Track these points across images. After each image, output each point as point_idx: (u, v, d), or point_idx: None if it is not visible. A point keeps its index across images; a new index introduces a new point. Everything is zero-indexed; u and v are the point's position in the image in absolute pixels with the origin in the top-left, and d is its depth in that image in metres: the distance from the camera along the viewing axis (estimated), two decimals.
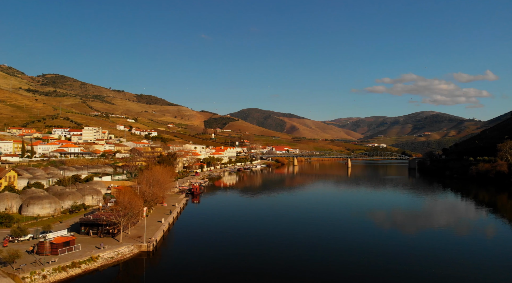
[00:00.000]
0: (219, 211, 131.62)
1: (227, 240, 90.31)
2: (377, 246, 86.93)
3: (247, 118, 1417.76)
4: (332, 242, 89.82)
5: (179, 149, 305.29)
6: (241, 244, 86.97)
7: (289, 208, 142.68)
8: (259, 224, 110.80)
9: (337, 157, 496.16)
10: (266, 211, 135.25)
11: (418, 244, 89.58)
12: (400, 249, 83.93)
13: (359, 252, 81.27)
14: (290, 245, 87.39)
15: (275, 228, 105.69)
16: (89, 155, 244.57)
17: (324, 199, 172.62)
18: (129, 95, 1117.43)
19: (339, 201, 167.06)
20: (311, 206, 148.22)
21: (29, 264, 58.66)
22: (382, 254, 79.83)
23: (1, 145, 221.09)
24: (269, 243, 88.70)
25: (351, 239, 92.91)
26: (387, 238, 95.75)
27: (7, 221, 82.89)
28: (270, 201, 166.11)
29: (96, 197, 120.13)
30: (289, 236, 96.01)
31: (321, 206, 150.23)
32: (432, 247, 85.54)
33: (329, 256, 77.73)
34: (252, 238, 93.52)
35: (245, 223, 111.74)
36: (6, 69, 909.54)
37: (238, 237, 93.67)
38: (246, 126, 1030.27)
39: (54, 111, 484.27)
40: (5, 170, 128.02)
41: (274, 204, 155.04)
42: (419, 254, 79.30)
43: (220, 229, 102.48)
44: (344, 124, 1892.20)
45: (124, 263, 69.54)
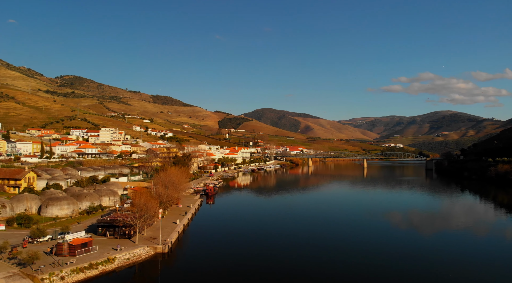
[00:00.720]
0: (233, 212, 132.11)
1: (242, 241, 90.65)
2: (393, 247, 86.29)
3: (261, 118, 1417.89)
4: (348, 243, 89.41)
5: (194, 149, 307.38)
6: (256, 245, 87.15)
7: (304, 209, 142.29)
8: (273, 225, 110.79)
9: (353, 157, 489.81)
10: (280, 212, 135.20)
11: (435, 245, 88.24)
12: (417, 251, 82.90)
13: (375, 253, 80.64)
14: (305, 246, 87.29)
15: (290, 229, 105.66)
16: (106, 156, 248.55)
17: (339, 200, 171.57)
18: (145, 96, 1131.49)
19: (355, 202, 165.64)
20: (326, 207, 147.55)
21: (48, 265, 59.95)
22: (398, 255, 79.04)
23: (21, 146, 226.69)
24: (284, 244, 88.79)
25: (367, 240, 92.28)
26: (403, 239, 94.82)
27: (27, 222, 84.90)
28: (284, 202, 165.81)
29: (112, 198, 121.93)
30: (304, 237, 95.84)
31: (336, 207, 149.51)
32: (449, 249, 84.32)
33: (345, 257, 77.42)
34: (267, 239, 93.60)
35: (259, 224, 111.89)
36: (25, 71, 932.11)
37: (253, 238, 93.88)
38: (260, 126, 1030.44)
39: (72, 112, 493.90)
40: (25, 171, 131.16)
41: (289, 205, 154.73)
42: (436, 256, 78.14)
43: (235, 230, 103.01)
44: (359, 123, 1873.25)
45: (140, 265, 70.41)
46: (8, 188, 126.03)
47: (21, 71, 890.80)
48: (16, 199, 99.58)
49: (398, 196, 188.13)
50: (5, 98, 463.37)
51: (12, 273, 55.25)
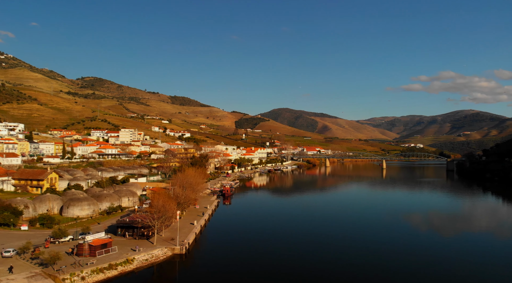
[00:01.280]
0: (250, 213, 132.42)
1: (259, 242, 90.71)
2: (413, 249, 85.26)
3: (277, 118, 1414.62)
4: (367, 245, 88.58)
5: (211, 150, 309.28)
6: (273, 246, 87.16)
7: (321, 210, 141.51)
8: (290, 226, 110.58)
9: (371, 158, 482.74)
10: (297, 213, 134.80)
11: (456, 247, 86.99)
12: (437, 252, 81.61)
13: (395, 254, 79.95)
14: (322, 247, 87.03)
15: (308, 230, 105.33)
16: (126, 156, 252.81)
17: (357, 201, 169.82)
18: (164, 96, 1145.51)
19: (374, 203, 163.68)
20: (344, 208, 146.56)
21: (69, 265, 61.32)
22: (418, 257, 78.02)
23: (43, 146, 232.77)
24: (301, 245, 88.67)
25: (386, 241, 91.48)
26: (423, 241, 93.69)
27: (49, 222, 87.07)
28: (301, 202, 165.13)
29: (132, 198, 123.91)
30: (322, 238, 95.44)
31: (354, 208, 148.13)
32: (471, 251, 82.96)
33: (363, 259, 76.87)
34: (284, 239, 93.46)
35: (276, 225, 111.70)
36: (48, 73, 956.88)
37: (270, 239, 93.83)
38: (277, 126, 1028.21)
39: (92, 113, 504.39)
40: (47, 172, 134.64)
41: (306, 205, 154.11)
42: (457, 258, 76.99)
43: (251, 231, 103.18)
44: (378, 123, 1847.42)
45: (158, 265, 71.26)
46: (31, 188, 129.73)
47: (43, 73, 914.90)
48: (38, 199, 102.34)
49: (418, 197, 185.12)
50: (28, 100, 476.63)
51: (34, 273, 56.77)
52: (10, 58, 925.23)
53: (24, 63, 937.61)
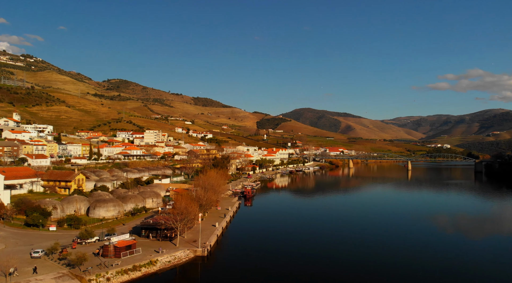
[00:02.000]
0: (271, 215, 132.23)
1: (280, 244, 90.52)
2: (439, 251, 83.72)
3: (299, 118, 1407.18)
4: (391, 247, 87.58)
5: (232, 151, 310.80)
6: (295, 248, 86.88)
7: (344, 212, 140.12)
8: (312, 228, 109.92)
9: (396, 159, 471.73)
10: (320, 214, 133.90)
11: (484, 250, 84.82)
12: (465, 255, 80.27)
13: (420, 256, 78.79)
14: (346, 248, 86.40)
15: (330, 231, 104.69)
16: (150, 157, 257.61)
17: (381, 203, 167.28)
18: (187, 98, 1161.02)
19: (398, 205, 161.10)
20: (368, 210, 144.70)
21: (95, 266, 63.01)
22: (445, 259, 76.78)
23: (71, 148, 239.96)
24: (325, 247, 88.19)
25: (412, 243, 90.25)
26: (450, 243, 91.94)
27: (76, 223, 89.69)
28: (324, 204, 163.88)
29: (155, 200, 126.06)
30: (345, 239, 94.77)
31: (378, 209, 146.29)
32: (501, 254, 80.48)
33: (389, 261, 76.15)
34: (306, 241, 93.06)
35: (298, 227, 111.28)
36: (75, 75, 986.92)
37: (291, 241, 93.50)
38: (299, 127, 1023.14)
39: (118, 115, 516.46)
40: (74, 174, 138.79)
41: (328, 207, 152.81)
42: (487, 261, 74.91)
43: (273, 232, 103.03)
44: (404, 123, 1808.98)
45: (180, 267, 72.21)
46: (59, 189, 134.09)
47: (71, 76, 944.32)
48: (66, 200, 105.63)
49: (445, 199, 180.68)
50: (57, 102, 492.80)
51: (62, 274, 58.64)
52: (39, 62, 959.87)
53: (52, 66, 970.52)
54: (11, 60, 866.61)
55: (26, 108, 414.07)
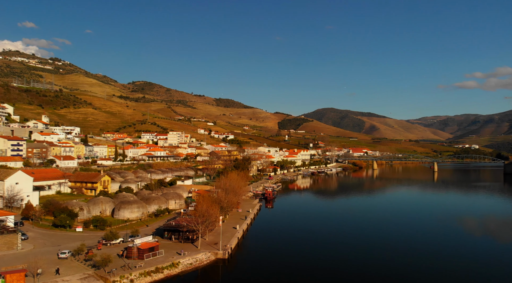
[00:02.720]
0: (292, 217, 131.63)
1: (301, 247, 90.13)
2: (466, 254, 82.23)
3: (322, 119, 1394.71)
4: (416, 249, 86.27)
5: (253, 152, 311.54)
6: (317, 251, 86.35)
7: (368, 214, 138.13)
8: (335, 230, 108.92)
9: (422, 160, 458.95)
10: (343, 216, 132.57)
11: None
12: (494, 258, 78.29)
13: (448, 259, 77.43)
14: (370, 251, 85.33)
15: (354, 234, 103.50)
16: (173, 158, 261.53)
17: (407, 204, 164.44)
18: (209, 99, 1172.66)
19: (424, 206, 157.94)
20: (393, 212, 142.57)
21: (119, 268, 64.49)
22: (474, 262, 75.49)
23: (97, 149, 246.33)
24: (347, 249, 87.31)
25: (438, 246, 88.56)
26: (478, 246, 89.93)
27: (101, 224, 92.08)
28: (347, 206, 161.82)
29: (178, 201, 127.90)
30: (369, 242, 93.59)
31: (403, 211, 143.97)
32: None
33: (413, 263, 75.01)
34: (328, 244, 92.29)
35: (320, 229, 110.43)
36: (101, 78, 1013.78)
37: (313, 244, 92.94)
38: (321, 127, 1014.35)
39: (142, 117, 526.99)
40: (100, 175, 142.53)
41: (352, 209, 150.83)
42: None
43: (294, 235, 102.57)
44: (430, 123, 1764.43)
45: (202, 269, 72.94)
46: (86, 190, 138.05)
47: (97, 78, 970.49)
48: (92, 202, 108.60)
49: (472, 201, 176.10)
50: (84, 104, 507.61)
51: (87, 275, 60.35)
52: (67, 65, 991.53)
53: (79, 69, 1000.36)
54: (40, 63, 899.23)
55: (55, 110, 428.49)
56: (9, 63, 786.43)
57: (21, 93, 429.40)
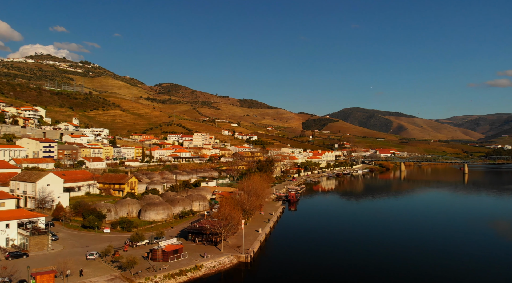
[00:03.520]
0: (316, 220, 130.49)
1: (325, 251, 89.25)
2: (500, 258, 79.99)
3: (347, 119, 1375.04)
4: (446, 252, 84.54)
5: (277, 153, 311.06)
6: (341, 255, 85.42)
7: (395, 216, 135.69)
8: (361, 234, 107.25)
9: (452, 161, 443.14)
10: (369, 219, 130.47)
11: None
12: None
13: (480, 263, 75.92)
14: (397, 255, 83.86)
15: (380, 237, 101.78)
16: (198, 160, 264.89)
17: (436, 207, 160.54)
18: (233, 100, 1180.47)
19: (454, 209, 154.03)
20: (421, 214, 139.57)
21: (144, 270, 65.93)
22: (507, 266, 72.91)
23: (125, 151, 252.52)
24: (373, 253, 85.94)
25: (469, 250, 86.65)
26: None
27: (128, 226, 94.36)
28: (373, 208, 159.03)
29: (202, 203, 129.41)
30: (396, 245, 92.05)
31: (432, 214, 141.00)
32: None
33: (442, 267, 73.06)
34: (353, 248, 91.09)
35: (345, 232, 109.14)
36: (129, 80, 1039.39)
37: (338, 248, 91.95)
38: (347, 127, 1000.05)
39: (169, 118, 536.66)
40: (127, 177, 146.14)
41: (378, 211, 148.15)
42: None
43: (318, 239, 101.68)
44: (460, 122, 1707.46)
45: (224, 273, 73.46)
46: (114, 191, 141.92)
47: (125, 81, 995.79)
48: (119, 203, 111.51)
49: (505, 204, 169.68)
50: (112, 106, 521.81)
51: (114, 277, 62.02)
52: (96, 68, 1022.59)
53: (108, 71, 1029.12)
54: (70, 66, 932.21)
55: (85, 112, 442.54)
56: (41, 67, 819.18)
57: (52, 96, 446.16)
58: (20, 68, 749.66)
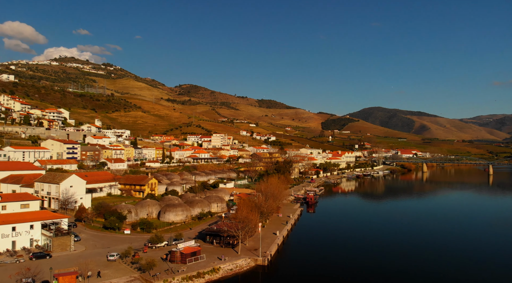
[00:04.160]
0: (335, 222, 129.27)
1: (344, 255, 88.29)
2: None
3: (368, 118, 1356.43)
4: (470, 255, 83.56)
5: (295, 154, 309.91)
6: (361, 259, 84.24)
7: (417, 219, 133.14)
8: (381, 237, 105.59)
9: (476, 162, 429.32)
10: (389, 222, 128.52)
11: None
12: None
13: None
14: (418, 258, 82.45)
15: (401, 241, 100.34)
16: (217, 160, 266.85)
17: (458, 209, 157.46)
18: (252, 100, 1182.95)
19: (478, 212, 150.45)
20: (444, 217, 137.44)
21: (163, 271, 66.94)
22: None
23: (146, 152, 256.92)
24: (395, 257, 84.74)
25: (495, 254, 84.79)
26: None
27: (147, 227, 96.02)
28: (394, 210, 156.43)
29: (220, 204, 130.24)
30: (417, 248, 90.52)
31: (455, 216, 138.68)
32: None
33: (471, 271, 72.23)
34: (373, 252, 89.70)
35: (365, 236, 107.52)
36: (150, 82, 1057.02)
37: (357, 251, 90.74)
38: (367, 127, 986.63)
39: (188, 119, 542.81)
40: (148, 178, 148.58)
41: (399, 214, 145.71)
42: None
43: (336, 242, 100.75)
44: (486, 122, 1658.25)
45: (242, 275, 73.74)
46: (134, 192, 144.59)
47: (146, 82, 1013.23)
48: (140, 204, 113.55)
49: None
50: (133, 108, 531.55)
51: (133, 278, 63.24)
52: (118, 70, 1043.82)
53: (130, 73, 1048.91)
54: (93, 69, 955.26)
55: (107, 114, 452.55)
56: (65, 69, 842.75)
57: (76, 98, 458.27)
58: (45, 70, 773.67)
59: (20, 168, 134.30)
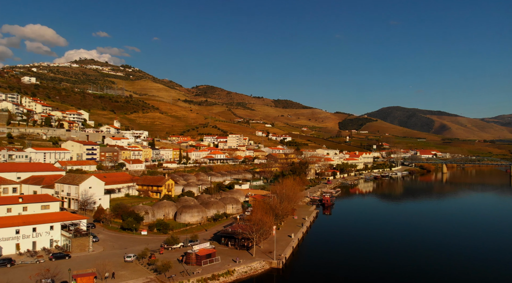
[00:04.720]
0: (352, 225, 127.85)
1: (361, 258, 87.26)
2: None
3: (387, 118, 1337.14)
4: (489, 264, 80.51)
5: (311, 154, 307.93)
6: (378, 262, 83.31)
7: (436, 220, 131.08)
8: (399, 240, 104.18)
9: (498, 163, 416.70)
10: (407, 224, 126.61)
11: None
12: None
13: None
14: (438, 261, 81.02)
15: (419, 243, 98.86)
16: (232, 161, 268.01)
17: (478, 211, 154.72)
18: (268, 100, 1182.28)
19: (498, 215, 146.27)
20: (464, 219, 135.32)
21: (178, 273, 67.72)
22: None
23: (163, 152, 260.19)
24: (413, 260, 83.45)
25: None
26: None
27: (164, 228, 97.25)
28: (412, 212, 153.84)
29: (235, 206, 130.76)
30: (437, 251, 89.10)
31: (475, 218, 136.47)
32: None
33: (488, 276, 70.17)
34: (391, 256, 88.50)
35: (382, 238, 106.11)
36: (167, 83, 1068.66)
37: (374, 254, 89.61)
38: (386, 127, 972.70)
39: (205, 120, 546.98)
40: (165, 179, 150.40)
41: (417, 216, 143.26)
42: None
43: (353, 245, 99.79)
44: (508, 121, 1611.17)
45: (256, 278, 73.88)
46: (152, 193, 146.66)
47: (164, 83, 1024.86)
48: (157, 206, 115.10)
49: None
50: (151, 109, 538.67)
51: (149, 279, 64.18)
52: (136, 71, 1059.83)
53: (148, 75, 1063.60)
54: (112, 70, 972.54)
55: (125, 115, 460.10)
56: (85, 71, 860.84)
57: (95, 99, 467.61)
58: (66, 72, 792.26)
59: (41, 169, 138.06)
